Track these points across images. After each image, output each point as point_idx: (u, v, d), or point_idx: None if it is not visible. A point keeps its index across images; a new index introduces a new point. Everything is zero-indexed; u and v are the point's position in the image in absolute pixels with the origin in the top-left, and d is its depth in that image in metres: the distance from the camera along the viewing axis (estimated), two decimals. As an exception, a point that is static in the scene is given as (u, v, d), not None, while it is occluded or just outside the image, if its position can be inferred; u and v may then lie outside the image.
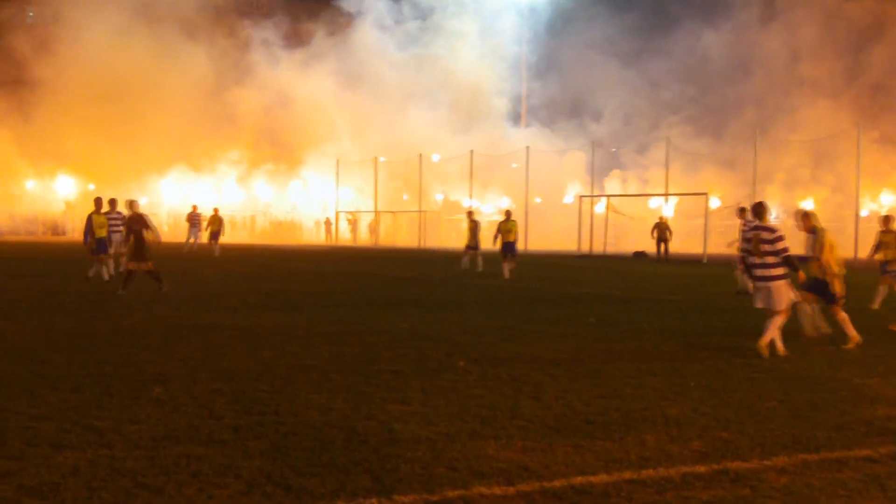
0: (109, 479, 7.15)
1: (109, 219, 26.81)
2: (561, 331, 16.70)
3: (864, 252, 50.42)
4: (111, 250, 27.25)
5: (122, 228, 25.62)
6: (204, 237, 50.31)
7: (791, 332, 14.99)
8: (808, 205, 73.90)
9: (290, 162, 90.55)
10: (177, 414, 9.35)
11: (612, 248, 59.67)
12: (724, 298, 24.12)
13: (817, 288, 15.88)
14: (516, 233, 33.29)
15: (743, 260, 23.44)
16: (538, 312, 20.49)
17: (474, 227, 37.00)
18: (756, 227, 14.50)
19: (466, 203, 76.21)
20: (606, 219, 61.95)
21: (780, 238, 14.12)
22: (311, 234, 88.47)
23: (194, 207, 53.62)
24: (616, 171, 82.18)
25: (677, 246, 56.12)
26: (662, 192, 60.05)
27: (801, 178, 74.67)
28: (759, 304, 14.48)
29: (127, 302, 20.87)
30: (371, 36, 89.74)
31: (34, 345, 14.01)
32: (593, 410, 9.84)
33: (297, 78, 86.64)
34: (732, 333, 16.89)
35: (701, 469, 7.75)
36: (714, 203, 65.53)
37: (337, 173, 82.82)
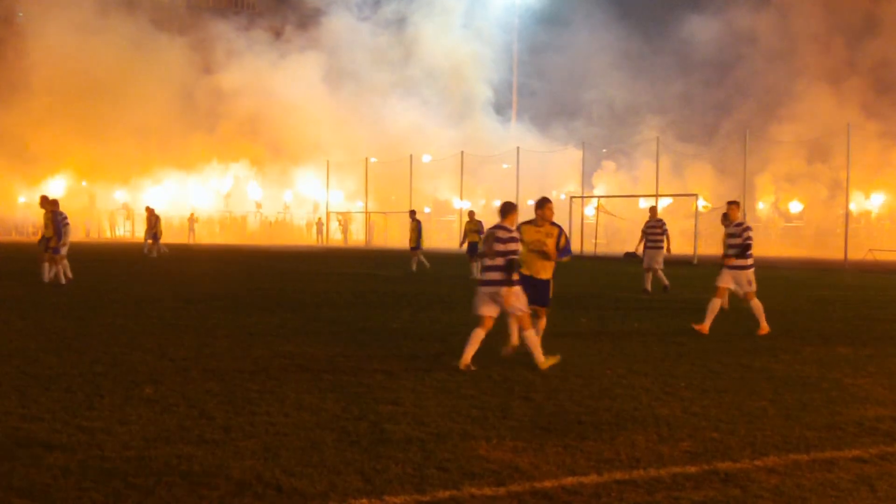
0: (100, 480, 7.13)
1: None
2: (552, 331, 16.69)
3: (854, 253, 50.52)
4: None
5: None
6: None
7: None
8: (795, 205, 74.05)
9: (282, 162, 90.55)
10: (168, 414, 9.34)
11: (602, 249, 59.74)
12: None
13: None
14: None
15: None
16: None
17: (417, 227, 37.12)
18: (494, 226, 13.03)
19: (457, 204, 76.30)
20: (597, 220, 62.04)
21: (514, 240, 12.75)
22: (303, 235, 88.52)
23: (147, 209, 52.49)
24: (607, 163, 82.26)
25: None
26: (653, 192, 60.10)
27: (794, 177, 74.80)
28: (482, 311, 12.76)
29: (121, 302, 20.86)
30: (353, 27, 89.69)
31: (25, 344, 13.97)
32: (584, 411, 9.85)
33: (283, 77, 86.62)
34: (723, 334, 16.91)
35: (691, 469, 7.76)
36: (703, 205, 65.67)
37: (327, 174, 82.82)
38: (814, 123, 67.73)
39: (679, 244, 59.19)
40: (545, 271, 13.83)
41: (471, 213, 34.73)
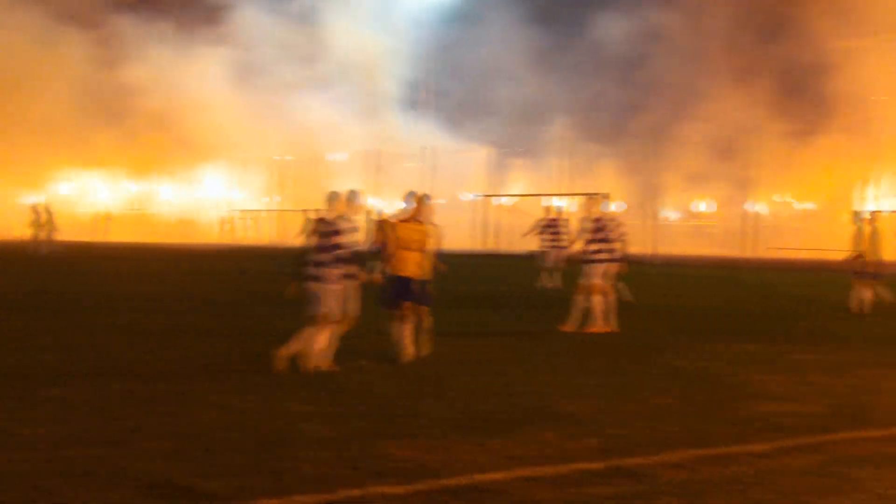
0: (5, 483, 7.02)
1: None
2: (462, 330, 16.79)
3: (760, 252, 51.39)
4: None
5: None
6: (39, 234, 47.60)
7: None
8: (706, 205, 75.43)
9: (192, 159, 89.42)
10: (75, 415, 9.21)
11: (511, 248, 60.00)
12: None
13: None
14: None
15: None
16: (439, 312, 20.54)
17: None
18: (317, 219, 12.63)
19: (370, 202, 76.00)
20: (505, 219, 62.32)
21: (338, 232, 12.13)
22: (210, 233, 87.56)
23: (35, 206, 50.78)
24: (517, 162, 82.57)
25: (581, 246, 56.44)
26: (562, 192, 60.56)
27: (702, 176, 75.75)
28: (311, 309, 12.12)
29: (21, 302, 20.52)
30: (262, 21, 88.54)
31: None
32: (494, 409, 9.93)
33: (191, 72, 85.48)
34: (630, 332, 17.13)
35: (598, 465, 7.84)
36: (613, 206, 66.22)
37: (236, 172, 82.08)
38: (723, 123, 68.69)
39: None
40: (420, 270, 13.33)
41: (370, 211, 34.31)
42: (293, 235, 37.95)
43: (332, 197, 12.48)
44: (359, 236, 12.53)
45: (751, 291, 29.35)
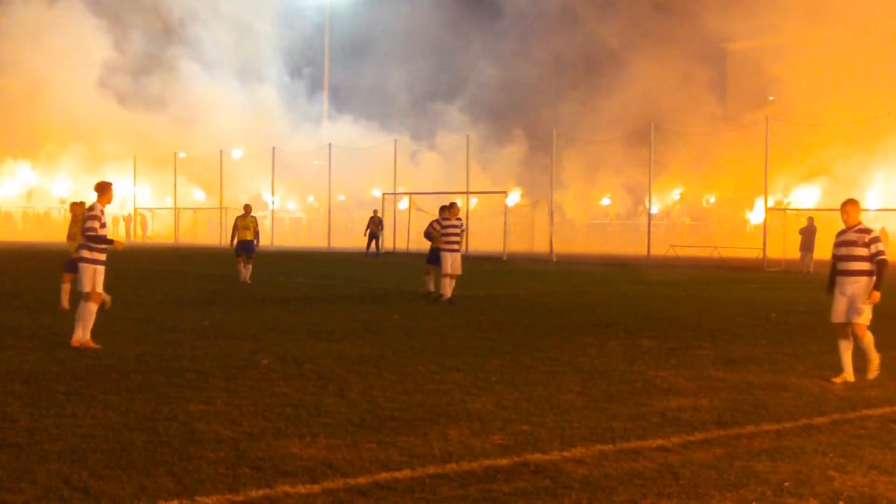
0: None
1: None
2: (365, 328, 16.75)
3: (657, 249, 52.04)
4: None
5: None
6: None
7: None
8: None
9: (86, 156, 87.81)
10: (-33, 418, 8.99)
11: (414, 245, 60.04)
12: (524, 295, 24.54)
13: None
14: (255, 230, 29.82)
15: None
16: (342, 310, 20.48)
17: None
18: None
19: (266, 199, 75.48)
20: (409, 216, 62.31)
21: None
22: (111, 231, 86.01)
23: None
24: (419, 159, 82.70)
25: (480, 243, 56.83)
26: (464, 189, 60.70)
27: (604, 172, 76.74)
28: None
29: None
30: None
31: None
32: (398, 406, 9.91)
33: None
34: (532, 328, 17.24)
35: (503, 462, 7.88)
36: (513, 200, 66.77)
37: (135, 169, 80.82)
38: (622, 122, 69.61)
39: (488, 241, 60.15)
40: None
41: (247, 208, 30.72)
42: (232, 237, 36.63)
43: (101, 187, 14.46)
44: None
45: (644, 288, 29.73)
